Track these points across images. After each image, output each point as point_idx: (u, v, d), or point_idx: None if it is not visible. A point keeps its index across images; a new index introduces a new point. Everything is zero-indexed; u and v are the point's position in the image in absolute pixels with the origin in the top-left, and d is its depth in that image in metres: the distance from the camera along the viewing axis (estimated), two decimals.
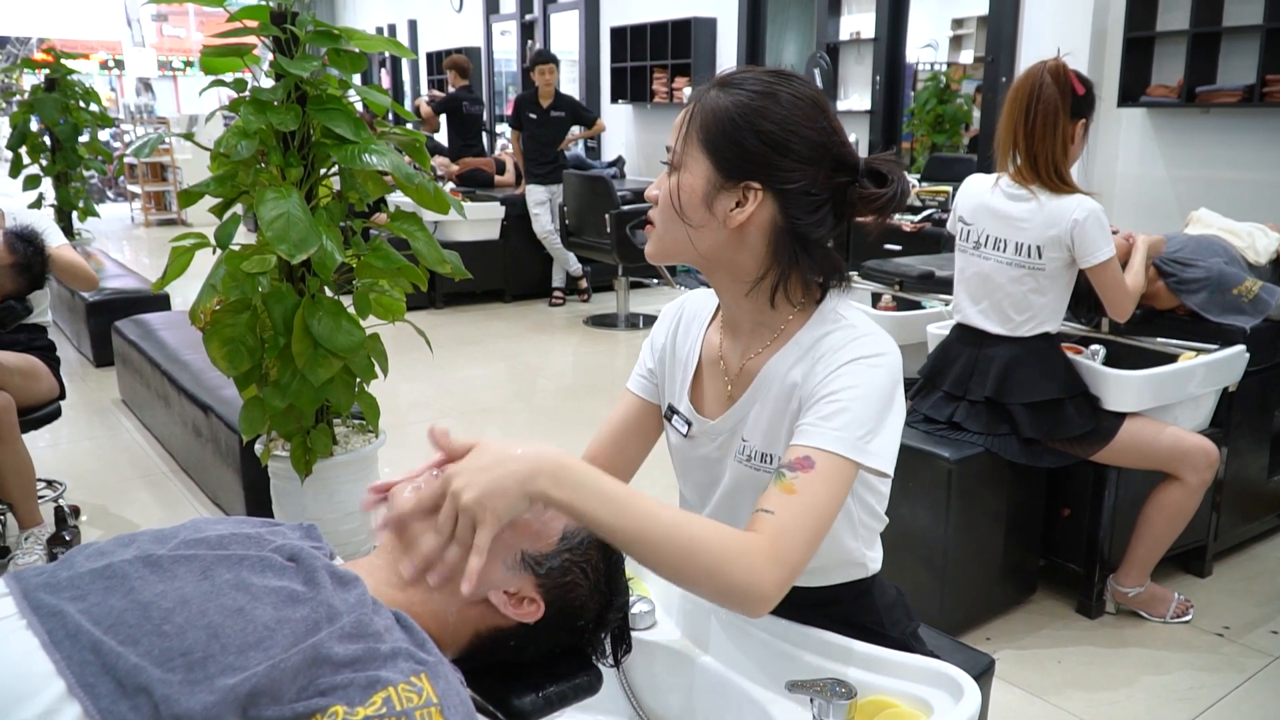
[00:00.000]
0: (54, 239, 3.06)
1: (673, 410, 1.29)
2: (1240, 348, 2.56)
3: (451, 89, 7.58)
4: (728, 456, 1.22)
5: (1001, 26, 5.10)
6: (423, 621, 0.96)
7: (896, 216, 5.17)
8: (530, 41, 9.35)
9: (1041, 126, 2.28)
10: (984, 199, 2.43)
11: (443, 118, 7.61)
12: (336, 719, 0.80)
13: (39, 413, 3.00)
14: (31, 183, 6.01)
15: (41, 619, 0.82)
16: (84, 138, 6.14)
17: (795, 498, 1.00)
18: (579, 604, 1.06)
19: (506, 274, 6.81)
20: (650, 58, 7.58)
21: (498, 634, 1.03)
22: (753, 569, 0.95)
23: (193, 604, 0.84)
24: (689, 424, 1.26)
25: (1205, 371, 2.51)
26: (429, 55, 10.97)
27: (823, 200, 1.09)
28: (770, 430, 1.16)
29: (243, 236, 2.38)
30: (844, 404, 1.05)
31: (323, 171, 2.43)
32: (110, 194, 12.93)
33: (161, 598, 0.84)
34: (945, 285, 3.02)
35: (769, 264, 1.12)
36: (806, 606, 1.21)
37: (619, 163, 7.97)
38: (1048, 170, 2.31)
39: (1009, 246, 2.37)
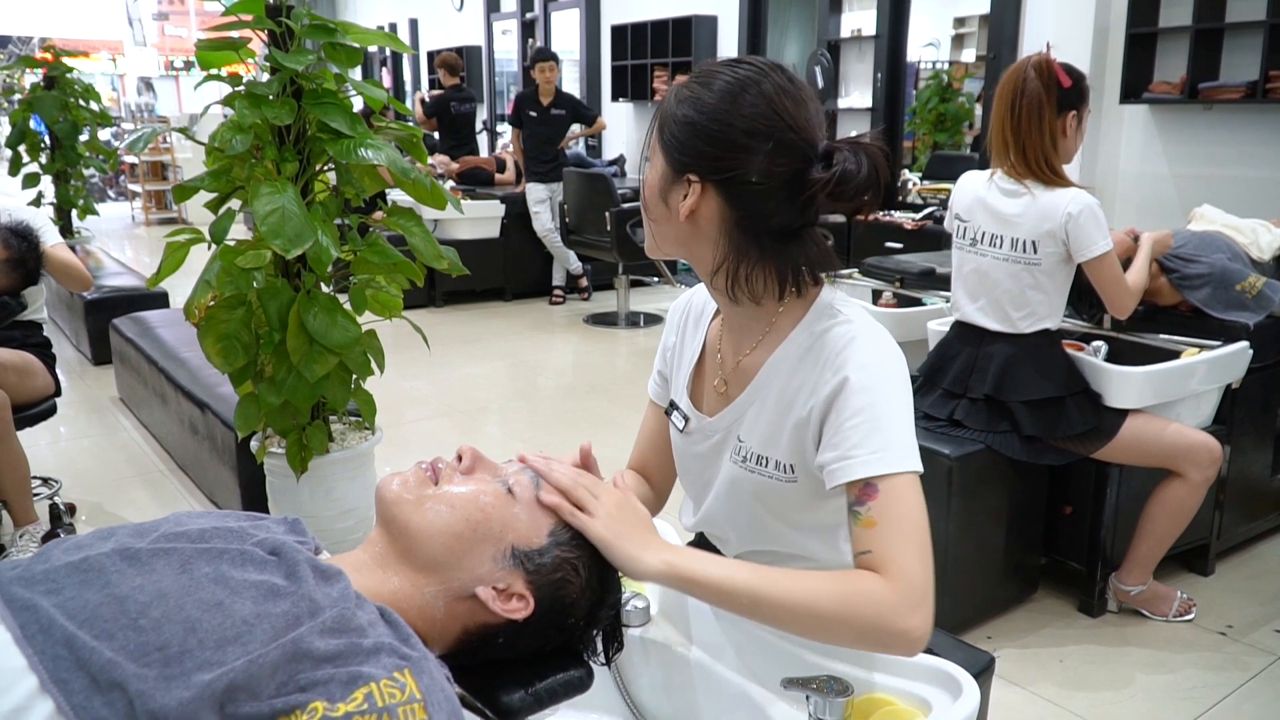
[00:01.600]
0: (49, 237, 3.04)
1: (673, 405, 1.28)
2: (1243, 344, 2.54)
3: (442, 87, 7.54)
4: (722, 455, 1.21)
5: (1003, 24, 5.08)
6: (409, 617, 0.94)
7: (897, 214, 5.16)
8: (531, 40, 9.34)
9: (1027, 121, 2.28)
10: (979, 195, 2.41)
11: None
12: (316, 715, 0.78)
13: (34, 410, 2.98)
14: (30, 181, 5.99)
15: (14, 613, 0.80)
16: (84, 136, 6.12)
17: (880, 527, 1.00)
18: (570, 601, 1.03)
19: (506, 272, 6.79)
20: (651, 56, 7.57)
21: (486, 630, 1.01)
22: (881, 618, 0.95)
23: (170, 598, 0.82)
24: (686, 419, 1.24)
25: (1208, 368, 2.49)
26: (430, 54, 10.95)
27: (771, 189, 1.05)
28: (769, 432, 1.14)
29: (241, 234, 2.37)
30: (871, 422, 1.03)
31: (318, 166, 2.42)
32: (111, 193, 12.93)
33: (138, 592, 0.82)
34: (946, 282, 2.99)
35: (724, 255, 1.11)
36: None
37: (619, 161, 7.96)
38: (1038, 164, 2.30)
39: (1005, 242, 2.36)
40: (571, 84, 8.55)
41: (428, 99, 7.75)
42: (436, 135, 7.52)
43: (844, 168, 1.03)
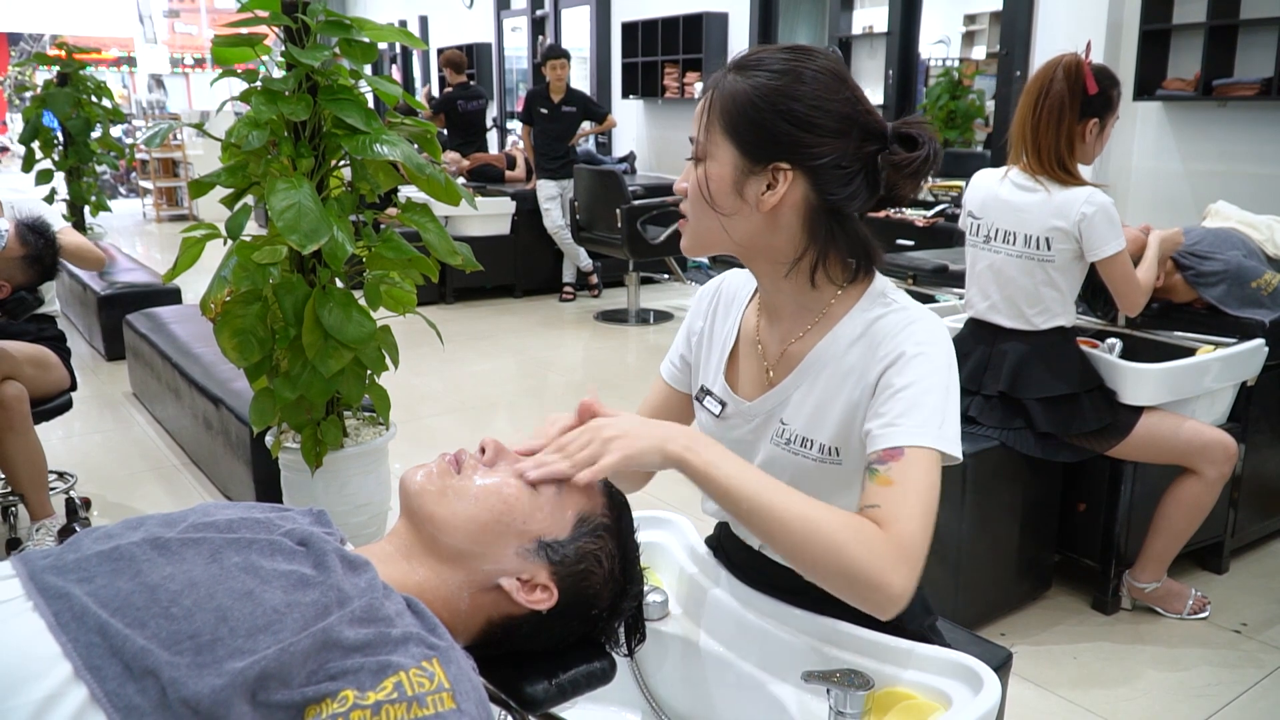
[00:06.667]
0: (55, 222, 3.08)
1: (705, 391, 1.27)
2: (1259, 341, 2.53)
3: (449, 86, 7.54)
4: (763, 439, 1.21)
5: (1016, 20, 5.07)
6: (435, 608, 0.95)
7: (909, 211, 5.16)
8: (541, 37, 9.34)
9: (1046, 122, 2.27)
10: (993, 192, 2.41)
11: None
12: (347, 703, 0.79)
13: (51, 404, 2.99)
14: (44, 177, 6.02)
15: (48, 601, 0.81)
16: (96, 133, 6.15)
17: (894, 487, 1.01)
18: (593, 592, 1.04)
19: (517, 269, 6.80)
20: (661, 52, 7.56)
21: (510, 621, 1.02)
22: (877, 562, 0.95)
23: (201, 587, 0.83)
24: (723, 404, 1.24)
25: (1223, 365, 2.48)
26: (440, 51, 10.96)
27: (855, 172, 1.08)
28: (816, 414, 1.15)
29: (252, 231, 2.38)
30: (915, 398, 1.05)
31: (334, 162, 2.43)
32: (122, 190, 12.98)
33: (169, 580, 0.83)
34: (959, 279, 3.00)
35: (806, 244, 1.11)
36: (826, 597, 1.19)
37: (630, 158, 7.96)
38: (1051, 164, 2.29)
39: (1018, 239, 2.35)
40: (582, 81, 8.55)
41: (435, 95, 7.74)
42: (445, 133, 7.51)
43: (932, 149, 1.08)
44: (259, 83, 2.30)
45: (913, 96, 6.13)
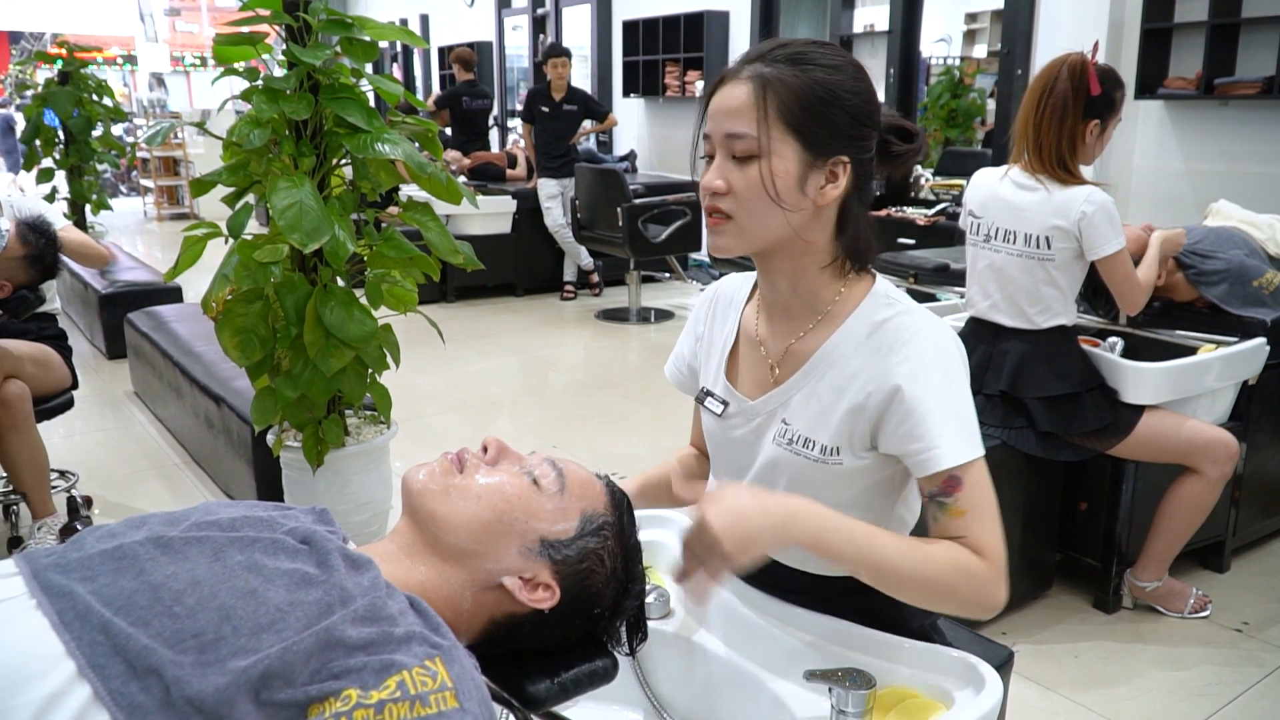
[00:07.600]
0: (57, 221, 3.09)
1: (707, 392, 1.28)
2: (1260, 340, 2.53)
3: (454, 83, 7.52)
4: (764, 438, 1.20)
5: (1017, 18, 5.06)
6: (437, 607, 0.94)
7: (910, 210, 5.18)
8: (542, 35, 9.34)
9: (1049, 121, 2.27)
10: (993, 190, 2.41)
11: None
12: (350, 702, 0.79)
13: (52, 402, 3.00)
14: (45, 176, 6.02)
15: (51, 599, 0.81)
16: (97, 131, 6.15)
17: (969, 515, 1.08)
18: (595, 591, 1.04)
19: (518, 268, 6.80)
20: (662, 51, 7.55)
21: (513, 620, 1.02)
22: (984, 589, 1.07)
23: (204, 586, 0.83)
24: (725, 404, 1.24)
25: (1224, 364, 2.48)
26: (441, 50, 10.95)
27: (877, 163, 1.12)
28: (820, 415, 1.15)
29: (254, 230, 2.38)
30: (950, 413, 1.08)
31: (335, 161, 2.43)
32: (123, 188, 12.99)
33: (172, 579, 0.83)
34: (960, 278, 2.99)
35: (840, 236, 1.13)
36: (828, 596, 1.20)
37: (631, 156, 7.95)
38: (1051, 163, 2.29)
39: (1018, 238, 2.35)
40: (583, 79, 8.54)
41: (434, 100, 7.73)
42: (449, 131, 7.50)
43: (921, 139, 1.12)
44: (260, 81, 2.30)
45: (914, 95, 6.12)
